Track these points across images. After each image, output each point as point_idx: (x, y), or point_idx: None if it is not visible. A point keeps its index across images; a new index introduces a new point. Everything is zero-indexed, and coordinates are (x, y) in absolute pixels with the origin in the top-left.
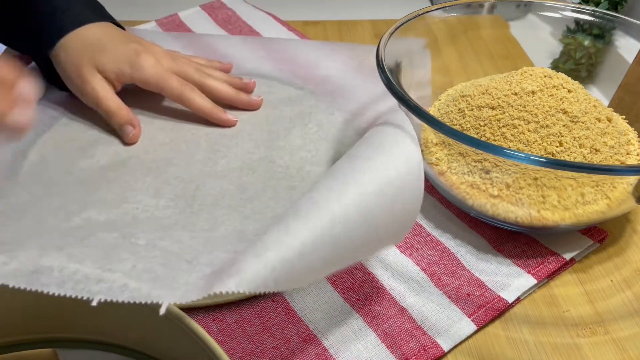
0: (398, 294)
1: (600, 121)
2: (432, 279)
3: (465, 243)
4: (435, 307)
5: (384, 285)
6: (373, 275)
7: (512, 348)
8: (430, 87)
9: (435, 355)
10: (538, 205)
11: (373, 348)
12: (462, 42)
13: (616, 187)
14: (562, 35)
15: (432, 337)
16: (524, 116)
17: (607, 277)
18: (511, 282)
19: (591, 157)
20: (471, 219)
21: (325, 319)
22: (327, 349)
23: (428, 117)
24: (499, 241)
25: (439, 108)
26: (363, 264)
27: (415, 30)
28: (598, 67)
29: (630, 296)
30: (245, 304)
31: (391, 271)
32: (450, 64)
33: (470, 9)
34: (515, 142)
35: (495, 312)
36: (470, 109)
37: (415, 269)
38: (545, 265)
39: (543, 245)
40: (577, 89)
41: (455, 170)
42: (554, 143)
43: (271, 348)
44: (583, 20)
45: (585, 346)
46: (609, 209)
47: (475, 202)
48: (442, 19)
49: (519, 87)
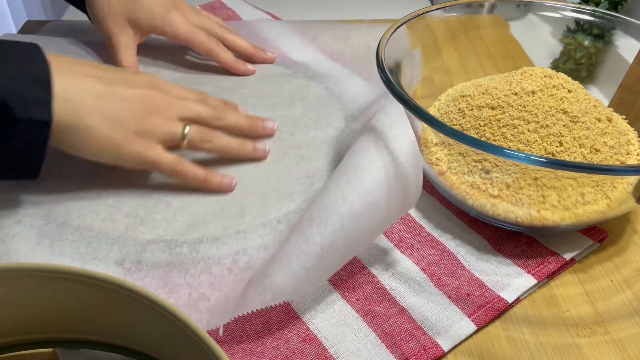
0: (398, 294)
1: (601, 121)
2: (432, 279)
3: (465, 243)
4: (435, 307)
5: (384, 285)
6: (373, 275)
7: (512, 348)
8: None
9: (435, 355)
10: (538, 205)
11: (373, 348)
12: (462, 42)
13: (616, 187)
14: (562, 35)
15: (432, 337)
16: (524, 116)
17: (607, 277)
18: (511, 282)
19: (591, 157)
20: (471, 219)
21: (325, 319)
22: (327, 349)
23: (428, 117)
24: (499, 241)
25: (439, 108)
26: (363, 264)
27: (415, 30)
28: (598, 67)
29: (630, 296)
30: None
31: (391, 271)
32: (450, 64)
33: (470, 9)
34: (515, 142)
35: (495, 312)
36: (470, 109)
37: (415, 269)
38: (545, 265)
39: (543, 245)
40: (577, 89)
41: (455, 170)
42: (554, 143)
43: (271, 348)
44: (583, 20)
45: (585, 346)
46: (609, 209)
47: (475, 202)
48: (442, 19)
49: (519, 87)
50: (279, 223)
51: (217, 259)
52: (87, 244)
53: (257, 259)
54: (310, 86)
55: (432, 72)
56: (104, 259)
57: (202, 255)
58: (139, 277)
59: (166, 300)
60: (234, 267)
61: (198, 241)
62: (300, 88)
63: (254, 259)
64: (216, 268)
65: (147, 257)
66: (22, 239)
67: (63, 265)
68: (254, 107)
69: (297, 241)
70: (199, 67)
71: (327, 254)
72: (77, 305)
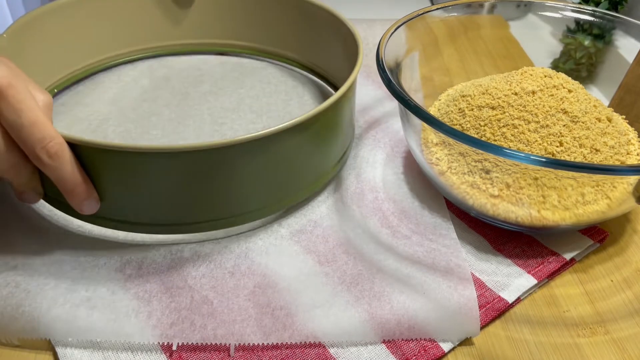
0: None
1: (601, 121)
2: None
3: (465, 243)
4: None
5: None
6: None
7: (512, 348)
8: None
9: (435, 356)
10: (538, 205)
11: (373, 348)
12: (462, 42)
13: (616, 187)
14: (562, 35)
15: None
16: (524, 116)
17: (608, 277)
18: (511, 282)
19: (591, 157)
20: (471, 219)
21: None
22: (327, 350)
23: (428, 117)
24: (499, 241)
25: (439, 108)
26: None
27: (415, 30)
28: (598, 67)
29: (630, 296)
30: None
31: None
32: (450, 64)
33: (470, 9)
34: (516, 142)
35: (495, 312)
36: (471, 108)
37: None
38: (546, 265)
39: (543, 245)
40: (578, 89)
41: (456, 170)
42: (554, 143)
43: (271, 347)
44: (583, 20)
45: (585, 346)
46: (609, 209)
47: (475, 202)
48: (442, 19)
49: (519, 87)
50: (280, 227)
51: (218, 262)
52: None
53: (259, 264)
54: (306, 85)
55: (432, 72)
56: (104, 266)
57: (203, 258)
58: (140, 283)
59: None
60: (235, 271)
61: (199, 245)
62: (296, 88)
63: (255, 264)
64: (218, 271)
65: (148, 262)
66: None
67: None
68: (251, 108)
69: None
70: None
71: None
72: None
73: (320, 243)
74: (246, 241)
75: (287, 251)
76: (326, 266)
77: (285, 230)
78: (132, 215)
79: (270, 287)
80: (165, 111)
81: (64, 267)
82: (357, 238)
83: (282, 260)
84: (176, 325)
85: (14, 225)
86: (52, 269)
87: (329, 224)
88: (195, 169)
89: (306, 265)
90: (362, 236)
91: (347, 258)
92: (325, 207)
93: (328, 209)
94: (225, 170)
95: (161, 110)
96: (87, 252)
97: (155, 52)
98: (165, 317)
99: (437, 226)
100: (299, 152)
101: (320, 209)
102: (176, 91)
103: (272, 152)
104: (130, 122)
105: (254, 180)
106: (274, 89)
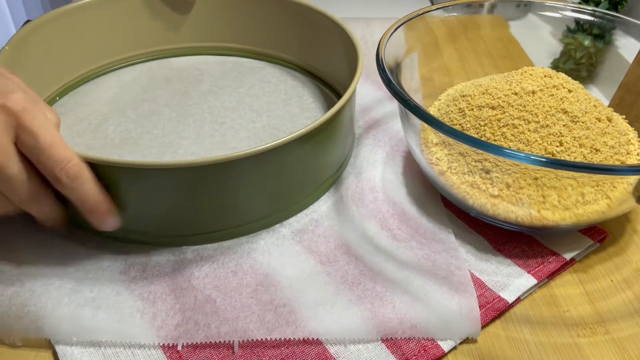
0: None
1: (601, 121)
2: None
3: (465, 243)
4: None
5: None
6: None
7: (512, 348)
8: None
9: (435, 356)
10: (538, 205)
11: (373, 348)
12: (462, 42)
13: (616, 187)
14: (562, 35)
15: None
16: (524, 116)
17: (608, 277)
18: (511, 282)
19: (591, 157)
20: (471, 219)
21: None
22: (327, 349)
23: (428, 117)
24: (499, 241)
25: (439, 108)
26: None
27: (415, 30)
28: (598, 67)
29: (630, 296)
30: None
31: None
32: (450, 64)
33: (470, 9)
34: (516, 142)
35: (496, 312)
36: (471, 108)
37: None
38: (546, 265)
39: (543, 245)
40: (577, 89)
41: (456, 170)
42: (554, 143)
43: (271, 347)
44: (583, 20)
45: (585, 346)
46: (609, 208)
47: (475, 202)
48: (442, 19)
49: (519, 87)
50: (282, 227)
51: (221, 262)
52: (91, 254)
53: (261, 263)
54: (306, 84)
55: (432, 72)
56: (108, 268)
57: (206, 259)
58: (144, 284)
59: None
60: (238, 271)
61: (202, 246)
62: (296, 87)
63: (257, 263)
64: (221, 271)
65: (152, 264)
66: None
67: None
68: (251, 106)
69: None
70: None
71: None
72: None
73: (322, 243)
74: (248, 241)
75: (289, 251)
76: (328, 266)
77: (287, 230)
78: (140, 229)
79: (272, 286)
80: (165, 111)
81: (68, 268)
82: (357, 240)
83: (284, 259)
84: (181, 326)
85: (18, 226)
86: (57, 269)
87: (330, 223)
88: (203, 183)
89: (308, 265)
90: (362, 238)
91: (349, 258)
92: (326, 206)
93: (329, 209)
94: (232, 182)
95: (161, 110)
96: (91, 255)
97: (155, 56)
98: (170, 318)
99: (436, 228)
100: (302, 162)
101: (321, 208)
102: (176, 91)
103: (277, 163)
104: (130, 121)
105: (261, 191)
106: (274, 88)
